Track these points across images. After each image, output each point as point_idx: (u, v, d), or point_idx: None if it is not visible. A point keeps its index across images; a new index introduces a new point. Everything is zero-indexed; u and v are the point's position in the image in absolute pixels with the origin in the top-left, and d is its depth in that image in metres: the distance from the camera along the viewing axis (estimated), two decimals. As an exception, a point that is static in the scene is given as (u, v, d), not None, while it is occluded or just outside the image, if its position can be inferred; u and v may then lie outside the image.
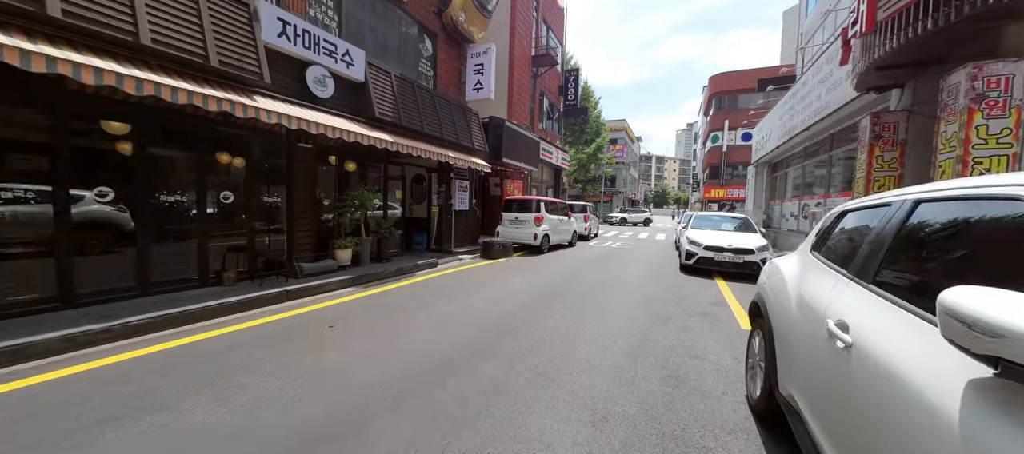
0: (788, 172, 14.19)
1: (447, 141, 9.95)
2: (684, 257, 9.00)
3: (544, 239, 11.83)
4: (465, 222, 11.75)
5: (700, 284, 7.62)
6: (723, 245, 8.39)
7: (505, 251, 10.88)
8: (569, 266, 9.46)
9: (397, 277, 7.48)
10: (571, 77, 20.35)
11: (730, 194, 35.99)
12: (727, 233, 9.38)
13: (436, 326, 4.55)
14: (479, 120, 11.76)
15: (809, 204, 11.38)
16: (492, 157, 12.62)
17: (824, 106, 8.80)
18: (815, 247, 2.49)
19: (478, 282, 7.22)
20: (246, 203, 6.22)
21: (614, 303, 5.84)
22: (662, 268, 9.53)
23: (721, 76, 36.94)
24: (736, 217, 10.63)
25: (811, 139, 11.02)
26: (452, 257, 10.03)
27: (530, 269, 8.88)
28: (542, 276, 8.01)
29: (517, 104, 15.06)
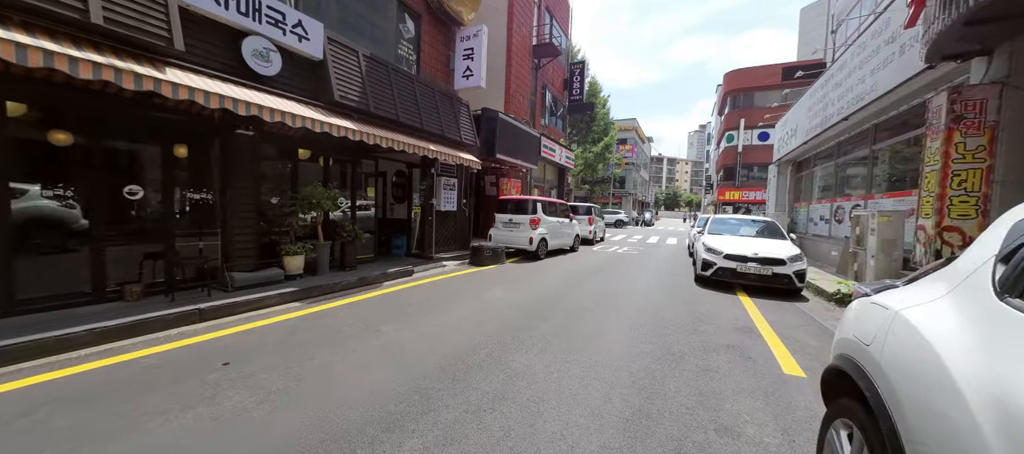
0: (815, 171, 12.73)
1: (429, 133, 8.82)
2: (700, 267, 7.70)
3: (541, 244, 10.61)
4: (453, 224, 10.60)
5: (720, 301, 6.33)
6: (747, 254, 7.07)
7: (496, 257, 9.70)
8: (566, 275, 8.23)
9: (357, 289, 6.34)
10: (576, 70, 19.12)
11: (746, 196, 34.29)
12: (751, 239, 8.04)
13: (361, 367, 3.37)
14: (470, 111, 10.61)
15: (844, 207, 9.95)
16: (485, 153, 11.46)
17: (868, 90, 7.43)
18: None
19: (451, 297, 6.05)
20: (163, 201, 5.15)
21: (612, 330, 4.60)
22: (674, 279, 8.23)
23: (737, 73, 35.29)
24: (759, 220, 9.27)
25: (848, 131, 9.62)
26: (434, 264, 8.88)
27: (520, 279, 7.68)
28: (531, 289, 6.80)
29: (515, 96, 13.89)
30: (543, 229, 10.75)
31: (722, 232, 8.75)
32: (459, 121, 10.01)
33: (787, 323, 5.19)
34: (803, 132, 11.87)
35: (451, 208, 10.22)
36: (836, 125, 9.25)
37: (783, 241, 7.91)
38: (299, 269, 6.14)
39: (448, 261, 9.55)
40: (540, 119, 16.62)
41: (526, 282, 7.42)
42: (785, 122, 14.59)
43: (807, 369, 3.63)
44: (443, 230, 10.17)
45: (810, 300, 6.80)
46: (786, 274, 6.80)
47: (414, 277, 7.62)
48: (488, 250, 9.61)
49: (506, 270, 8.83)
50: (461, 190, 10.74)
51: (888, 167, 8.29)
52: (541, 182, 18.48)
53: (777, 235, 8.37)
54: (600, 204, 40.07)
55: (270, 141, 6.39)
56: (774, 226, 8.76)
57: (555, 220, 11.49)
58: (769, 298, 6.72)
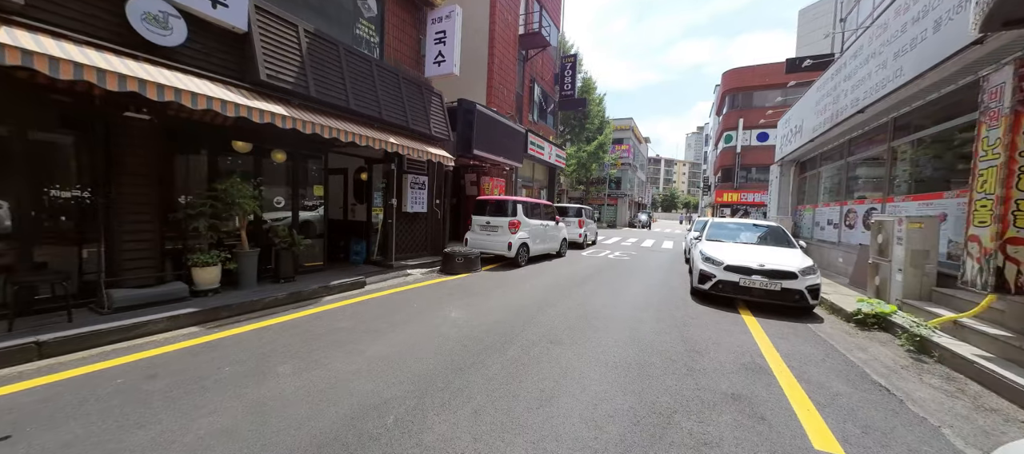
0: (822, 171, 11.75)
1: (391, 124, 7.77)
2: (697, 279, 6.67)
3: (521, 249, 9.57)
4: (424, 228, 9.55)
5: (720, 322, 5.30)
6: (751, 265, 6.05)
7: (469, 264, 8.65)
8: (545, 288, 7.18)
9: (286, 307, 5.28)
10: (568, 64, 18.10)
11: (744, 198, 33.37)
12: (755, 247, 7.02)
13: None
14: (443, 102, 9.57)
15: (856, 210, 8.96)
16: (461, 148, 10.42)
17: (890, 77, 6.43)
18: None
19: (396, 318, 4.99)
20: (20, 202, 4.08)
21: (581, 372, 3.56)
22: (667, 292, 7.20)
23: (735, 71, 34.41)
24: (763, 225, 8.26)
25: (862, 126, 8.63)
26: (396, 273, 7.82)
27: (487, 293, 6.64)
28: (499, 306, 5.76)
29: (499, 89, 12.85)
30: (524, 233, 9.71)
31: (722, 238, 7.73)
32: (429, 112, 8.96)
33: (804, 357, 4.17)
34: (809, 129, 10.88)
35: (420, 209, 9.17)
36: (849, 119, 8.25)
37: (792, 250, 6.89)
38: (213, 282, 5.07)
39: (415, 269, 8.51)
40: (528, 115, 15.59)
41: (495, 297, 6.38)
42: (788, 119, 13.62)
43: (845, 439, 2.60)
44: (410, 234, 9.11)
45: (825, 320, 5.79)
46: (797, 290, 5.78)
47: (366, 290, 6.57)
48: (460, 257, 8.57)
49: (478, 280, 7.78)
50: (433, 189, 9.69)
51: (911, 166, 7.29)
52: (530, 182, 17.46)
53: (784, 242, 7.35)
54: (596, 205, 39.12)
55: (183, 129, 5.33)
56: (780, 232, 7.75)
57: (538, 223, 10.45)
58: (777, 317, 5.70)
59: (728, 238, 7.74)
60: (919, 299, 5.46)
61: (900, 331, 4.80)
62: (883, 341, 4.83)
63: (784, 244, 7.27)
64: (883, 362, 4.12)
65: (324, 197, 7.09)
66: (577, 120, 24.25)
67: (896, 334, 4.92)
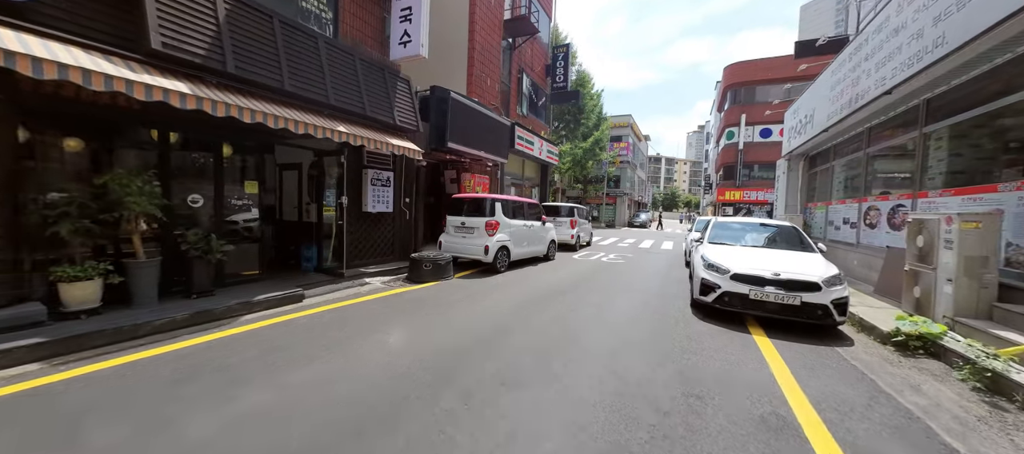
0: (836, 165, 10.68)
1: (343, 110, 6.73)
2: (697, 290, 5.61)
3: (499, 253, 8.51)
4: (389, 230, 8.50)
5: (727, 347, 4.23)
6: (764, 274, 4.99)
7: (439, 271, 7.60)
8: (519, 301, 6.13)
9: (183, 331, 4.22)
10: (560, 54, 17.04)
11: (747, 196, 32.28)
12: (767, 252, 5.96)
13: None
14: (412, 89, 8.53)
15: (879, 207, 7.87)
16: (435, 141, 9.37)
17: (929, 46, 5.36)
18: None
19: (315, 347, 3.94)
20: None
21: (534, 432, 2.50)
22: (663, 303, 6.14)
23: (737, 66, 33.33)
24: (774, 225, 7.18)
25: (887, 111, 7.56)
26: (350, 282, 6.77)
27: (449, 307, 5.58)
28: (456, 325, 4.71)
29: (480, 77, 11.80)
30: (503, 235, 8.65)
31: (727, 241, 6.67)
32: (394, 100, 7.91)
33: (842, 402, 3.10)
34: (821, 119, 9.80)
35: (384, 209, 8.12)
36: (872, 103, 7.17)
37: (811, 254, 5.82)
38: (88, 301, 4.03)
39: (376, 277, 7.46)
40: (515, 107, 14.53)
41: (456, 313, 5.33)
42: (796, 109, 12.53)
43: None
44: (373, 238, 8.06)
45: (855, 341, 4.73)
46: (821, 305, 4.71)
47: (303, 305, 5.52)
48: (428, 262, 7.52)
49: (445, 291, 6.73)
50: (401, 186, 8.64)
51: (948, 156, 6.22)
52: (520, 180, 16.41)
53: (800, 245, 6.28)
54: (594, 205, 38.03)
55: (59, 113, 4.29)
56: (795, 232, 6.68)
57: (521, 223, 9.40)
58: (796, 338, 4.64)
59: (734, 240, 6.68)
60: (976, 316, 4.39)
61: (959, 361, 3.73)
62: (937, 374, 3.76)
63: (800, 247, 6.20)
64: (950, 410, 3.05)
65: (258, 195, 6.05)
66: (571, 114, 23.17)
67: (953, 364, 3.86)
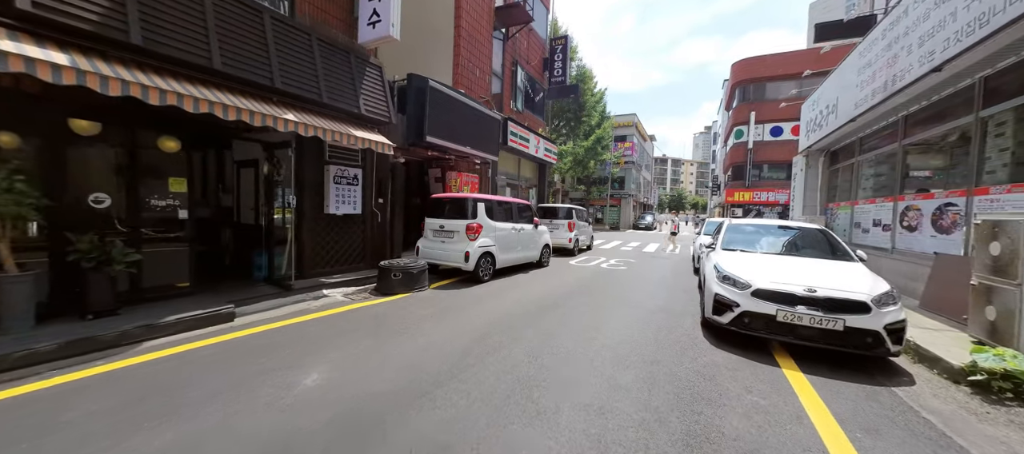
0: (861, 161, 9.57)
1: (291, 96, 5.81)
2: (710, 308, 4.57)
3: (482, 260, 7.54)
4: (359, 234, 7.56)
5: (752, 389, 3.21)
6: (796, 290, 3.96)
7: (411, 281, 6.65)
8: (492, 320, 5.14)
9: (49, 367, 3.29)
10: (558, 47, 16.08)
11: (757, 197, 31.03)
12: (795, 261, 4.90)
13: None
14: (384, 76, 7.60)
15: (921, 207, 6.78)
16: (412, 135, 8.43)
17: (998, 7, 4.31)
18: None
19: (197, 395, 2.99)
20: None
21: None
22: (668, 321, 5.11)
23: (746, 62, 32.17)
24: (797, 227, 6.12)
25: (930, 95, 6.48)
26: (303, 295, 5.84)
27: (409, 329, 4.61)
28: (400, 360, 3.74)
29: (468, 67, 10.86)
30: (487, 239, 7.67)
31: (744, 247, 5.63)
32: (360, 87, 6.99)
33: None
34: (846, 108, 8.72)
35: (351, 210, 7.19)
36: (915, 83, 6.10)
37: (849, 264, 4.77)
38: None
39: (338, 288, 6.53)
40: (509, 102, 13.58)
41: (414, 337, 4.36)
42: (815, 101, 11.43)
43: None
44: (337, 243, 7.13)
45: (913, 376, 3.69)
46: (872, 331, 3.67)
47: (233, 325, 4.58)
48: (397, 271, 6.56)
49: (411, 306, 5.77)
50: (372, 185, 7.71)
51: (1016, 143, 5.13)
52: (515, 179, 15.44)
53: (833, 252, 5.23)
54: (598, 206, 36.93)
55: None
56: (823, 237, 5.62)
57: (509, 227, 8.41)
58: (838, 372, 3.62)
59: (752, 246, 5.64)
60: (1083, 350, 3.33)
61: (1082, 418, 2.68)
62: (1049, 435, 2.72)
63: (834, 254, 5.14)
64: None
65: (189, 194, 5.13)
66: (572, 112, 22.16)
67: (1068, 420, 2.80)
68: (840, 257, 5.03)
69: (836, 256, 5.06)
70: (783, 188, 30.60)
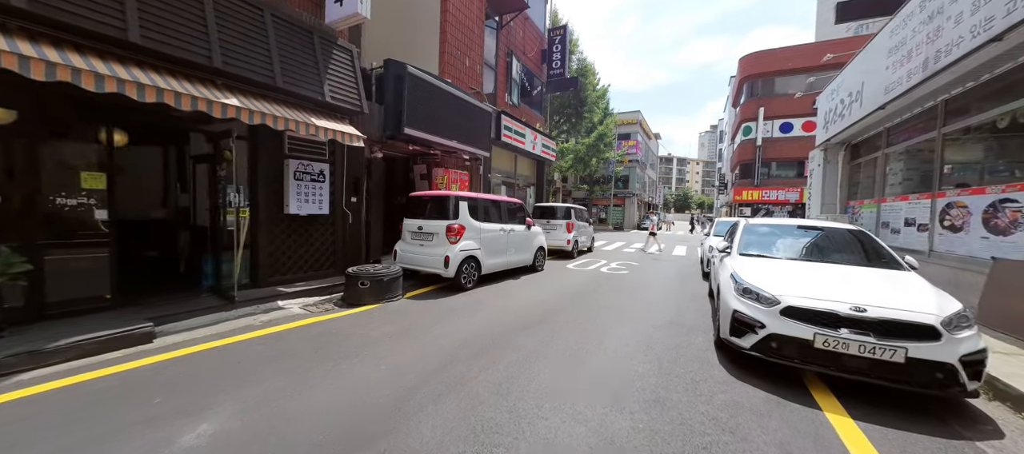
0: (887, 154, 8.65)
1: (236, 78, 5.03)
2: (727, 327, 3.71)
3: (465, 266, 6.73)
4: (327, 237, 6.78)
5: (783, 443, 2.38)
6: (838, 308, 3.10)
7: (381, 290, 5.86)
8: (464, 339, 4.32)
9: None
10: (557, 37, 15.24)
11: (766, 196, 29.96)
12: (830, 268, 4.04)
13: None
14: (356, 60, 6.82)
15: (968, 204, 5.87)
16: (390, 127, 7.64)
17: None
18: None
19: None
20: None
21: None
22: (674, 339, 4.26)
23: (754, 56, 31.15)
24: (825, 227, 5.23)
25: (979, 74, 5.57)
26: (249, 308, 5.06)
27: (354, 354, 3.81)
28: (335, 395, 2.94)
29: (456, 55, 10.06)
30: (470, 242, 6.86)
31: (765, 250, 4.77)
32: (325, 71, 6.21)
33: None
34: (876, 93, 7.81)
35: (317, 210, 6.41)
36: (965, 58, 5.19)
37: (901, 273, 3.91)
38: None
39: (297, 298, 5.75)
40: (504, 94, 12.76)
41: (348, 371, 3.56)
42: (835, 90, 10.50)
43: None
44: (299, 247, 6.35)
45: (997, 422, 2.83)
46: (943, 364, 2.81)
47: (152, 347, 3.81)
48: (365, 279, 5.77)
49: (374, 322, 4.97)
50: (343, 182, 6.93)
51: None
52: (512, 178, 14.62)
53: (878, 258, 4.35)
54: (602, 206, 36.00)
55: None
56: (862, 239, 4.75)
57: (496, 228, 7.59)
58: (893, 413, 2.77)
59: (776, 250, 4.77)
60: None
61: None
62: None
63: (879, 261, 4.27)
64: None
65: (108, 191, 4.37)
66: (573, 108, 21.30)
67: None
68: (885, 264, 4.16)
69: (880, 263, 4.19)
70: (793, 186, 29.53)
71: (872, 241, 4.60)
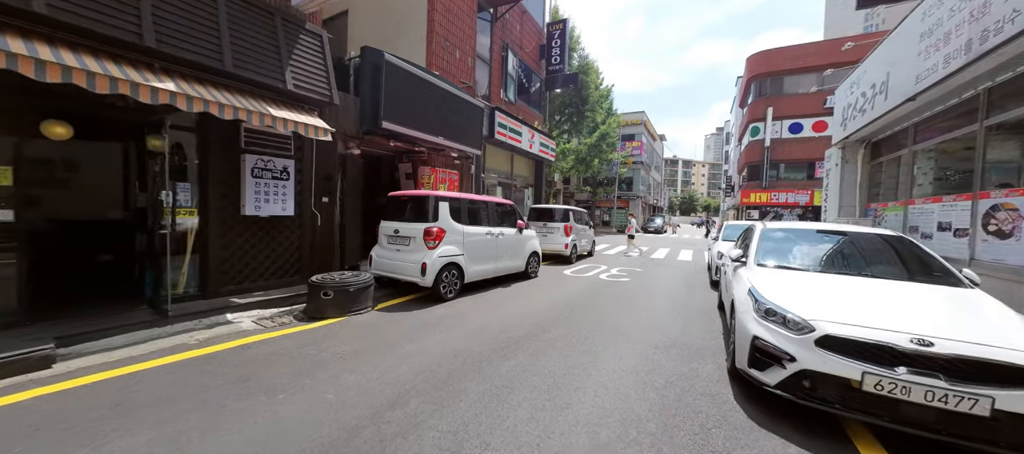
0: (915, 151, 7.86)
1: (176, 60, 4.40)
2: (745, 356, 2.99)
3: (444, 274, 6.04)
4: (293, 240, 6.14)
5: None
6: (897, 340, 2.37)
7: (347, 302, 5.20)
8: (428, 366, 3.63)
9: None
10: (556, 32, 14.57)
11: (775, 199, 29.01)
12: (874, 285, 3.29)
13: None
14: (326, 46, 6.18)
15: (1018, 205, 5.10)
16: (367, 121, 7.00)
17: None
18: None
19: None
20: None
21: None
22: (681, 369, 3.53)
23: (763, 55, 30.32)
24: (861, 233, 4.47)
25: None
26: (190, 323, 4.41)
27: (289, 386, 3.12)
28: (251, 444, 2.26)
29: (445, 46, 9.42)
30: (451, 248, 6.18)
31: (788, 260, 4.03)
32: (289, 57, 5.57)
33: None
34: (905, 82, 7.03)
35: (280, 211, 5.76)
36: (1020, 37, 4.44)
37: (964, 291, 3.16)
38: None
39: (252, 310, 5.10)
40: (499, 90, 12.10)
41: (266, 412, 2.88)
42: (856, 82, 9.71)
43: None
44: (257, 252, 5.70)
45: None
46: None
47: (48, 375, 3.16)
48: (329, 290, 5.10)
49: (329, 339, 4.30)
50: (312, 181, 6.28)
51: None
52: (508, 178, 13.95)
53: (930, 272, 3.59)
54: (605, 208, 35.21)
55: None
56: (900, 248, 4.00)
57: (483, 231, 6.90)
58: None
59: (801, 261, 4.04)
60: None
61: None
62: None
63: (931, 275, 3.52)
64: None
65: (12, 186, 3.75)
66: (574, 106, 20.60)
67: None
68: (938, 279, 3.41)
69: (932, 277, 3.44)
70: (803, 189, 28.58)
71: (917, 249, 3.85)
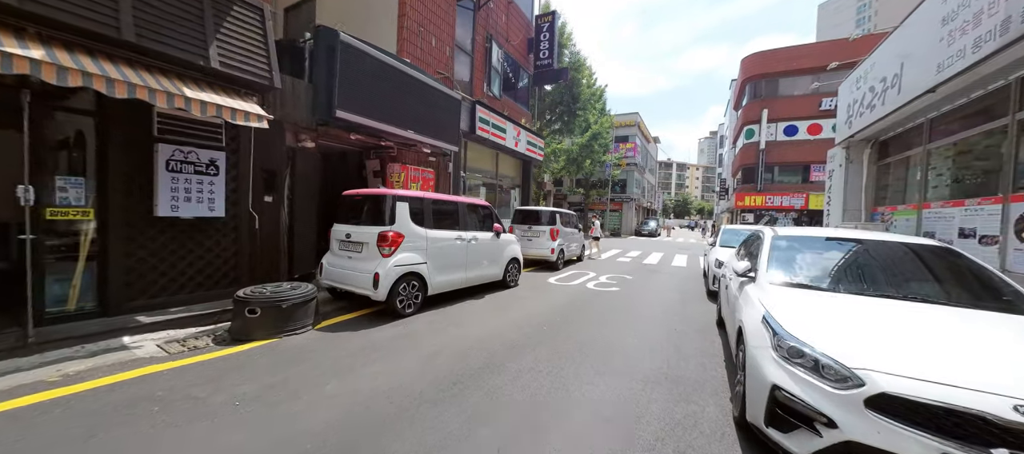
0: (928, 151, 7.18)
1: (54, 22, 3.54)
2: (763, 411, 2.19)
3: (401, 286, 5.19)
4: (229, 246, 5.27)
5: None
6: (991, 407, 1.59)
7: (281, 321, 4.35)
8: (350, 412, 2.79)
9: None
10: (544, 24, 13.81)
11: (770, 202, 28.50)
12: (933, 312, 2.50)
13: None
14: (266, 20, 5.33)
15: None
16: (321, 110, 6.15)
17: None
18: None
19: None
20: None
21: None
22: (676, 407, 2.72)
23: (758, 56, 29.88)
24: (895, 241, 3.70)
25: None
26: (61, 351, 3.54)
27: (138, 448, 2.29)
28: None
29: (418, 31, 8.59)
30: (411, 254, 5.34)
31: (808, 276, 3.24)
32: (217, 30, 4.71)
33: None
34: (921, 75, 6.34)
35: (206, 212, 4.89)
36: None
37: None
38: None
39: (159, 332, 4.22)
40: (481, 83, 11.29)
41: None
42: (862, 77, 9.03)
43: None
44: (180, 260, 4.82)
45: None
46: None
47: None
48: (256, 305, 4.25)
49: (246, 368, 3.45)
50: (250, 177, 5.42)
51: None
52: (493, 178, 13.14)
53: (997, 296, 2.80)
54: (598, 211, 34.50)
55: None
56: (952, 262, 3.24)
57: (451, 236, 6.08)
58: None
59: (828, 278, 3.25)
60: None
61: None
62: None
63: (999, 301, 2.73)
64: None
65: None
66: (565, 105, 19.86)
67: None
68: (1008, 305, 2.64)
69: (1001, 303, 2.66)
70: (798, 192, 28.09)
71: (973, 264, 3.09)
